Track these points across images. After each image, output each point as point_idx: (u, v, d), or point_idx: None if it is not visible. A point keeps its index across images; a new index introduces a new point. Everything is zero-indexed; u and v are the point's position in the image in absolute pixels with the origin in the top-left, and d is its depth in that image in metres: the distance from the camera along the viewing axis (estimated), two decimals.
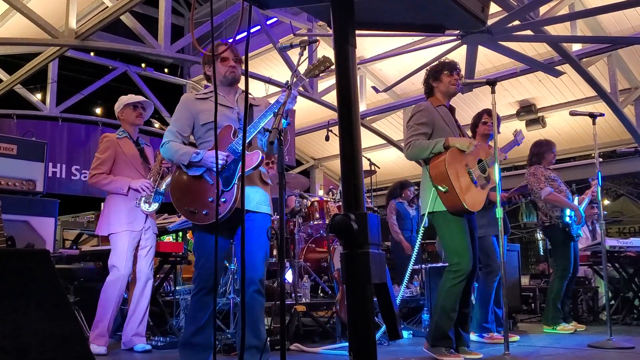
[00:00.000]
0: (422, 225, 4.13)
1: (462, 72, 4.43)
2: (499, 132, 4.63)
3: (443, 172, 3.92)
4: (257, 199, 3.38)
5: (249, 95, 3.54)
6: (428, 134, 4.10)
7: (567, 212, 5.79)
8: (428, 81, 4.32)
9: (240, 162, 3.26)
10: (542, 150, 6.02)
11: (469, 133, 5.44)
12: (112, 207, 4.61)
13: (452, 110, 4.33)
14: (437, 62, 4.45)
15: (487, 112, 5.42)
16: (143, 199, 4.56)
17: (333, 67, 3.36)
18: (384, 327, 4.64)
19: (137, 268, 4.62)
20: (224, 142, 3.33)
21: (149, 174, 4.67)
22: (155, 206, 4.60)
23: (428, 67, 4.42)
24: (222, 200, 3.23)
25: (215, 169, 3.24)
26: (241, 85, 3.53)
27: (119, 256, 4.48)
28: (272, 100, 3.46)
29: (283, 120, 3.23)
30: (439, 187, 3.95)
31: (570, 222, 5.76)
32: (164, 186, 4.63)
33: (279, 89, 9.53)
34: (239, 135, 3.31)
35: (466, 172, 4.03)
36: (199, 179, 3.32)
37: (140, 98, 4.86)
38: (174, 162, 3.43)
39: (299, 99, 3.35)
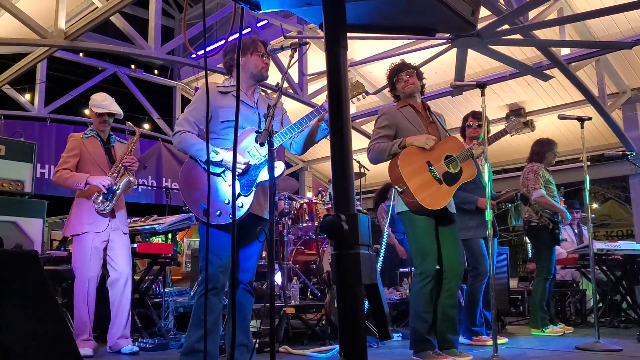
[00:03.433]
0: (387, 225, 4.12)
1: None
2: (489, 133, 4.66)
3: (396, 173, 3.92)
4: (267, 206, 3.35)
5: (263, 94, 3.55)
6: (390, 135, 4.12)
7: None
8: (390, 87, 4.40)
9: (261, 169, 3.26)
10: (543, 149, 6.05)
11: (459, 137, 5.46)
12: (76, 208, 4.58)
13: (425, 107, 4.35)
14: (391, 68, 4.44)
15: (472, 114, 5.44)
16: (99, 197, 4.50)
17: (364, 93, 3.40)
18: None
19: (113, 270, 4.56)
20: (243, 146, 3.28)
21: (109, 171, 4.62)
22: (108, 204, 4.51)
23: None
24: (239, 205, 3.19)
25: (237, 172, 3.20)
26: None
27: (81, 258, 4.45)
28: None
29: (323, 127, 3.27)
30: (397, 188, 3.97)
31: (559, 224, 5.83)
32: (121, 184, 4.56)
33: (269, 91, 9.51)
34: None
35: (427, 169, 3.98)
36: (216, 176, 3.25)
37: (106, 109, 4.75)
38: (188, 154, 3.32)
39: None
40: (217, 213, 3.17)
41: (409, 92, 4.27)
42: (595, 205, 12.65)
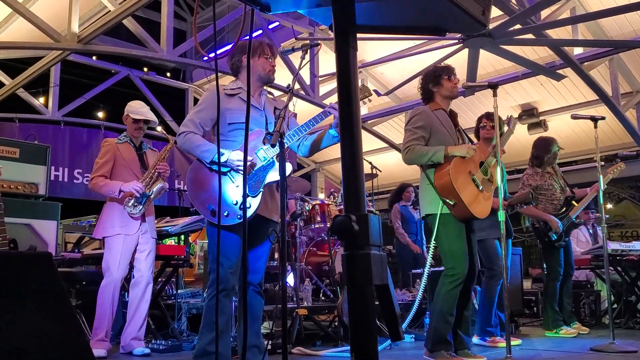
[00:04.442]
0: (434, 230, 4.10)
1: (462, 77, 4.44)
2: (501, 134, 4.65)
3: (449, 186, 3.89)
4: (275, 208, 3.39)
5: (270, 97, 3.59)
6: (426, 137, 4.08)
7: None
8: (427, 87, 4.27)
9: (269, 170, 3.30)
10: (539, 153, 6.00)
11: (473, 138, 5.45)
12: (108, 211, 4.65)
13: (453, 115, 4.31)
14: (432, 67, 4.43)
15: (486, 115, 5.42)
16: (131, 201, 4.57)
17: (371, 97, 3.40)
18: (387, 342, 4.65)
19: (137, 272, 4.63)
20: (251, 147, 3.31)
21: (142, 176, 4.69)
22: (140, 208, 4.59)
23: (424, 73, 4.40)
24: (247, 205, 3.19)
25: (241, 172, 3.21)
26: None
27: (111, 259, 4.51)
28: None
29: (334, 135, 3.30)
30: (447, 201, 3.92)
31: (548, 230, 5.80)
32: (153, 190, 4.65)
33: (280, 92, 9.54)
34: (270, 141, 3.26)
35: (471, 180, 4.01)
36: (222, 175, 3.25)
37: (143, 116, 4.84)
38: (193, 155, 3.35)
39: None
40: (225, 214, 3.19)
41: (454, 95, 4.26)
42: (609, 206, 12.54)
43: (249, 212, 3.20)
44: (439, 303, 3.97)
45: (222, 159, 3.20)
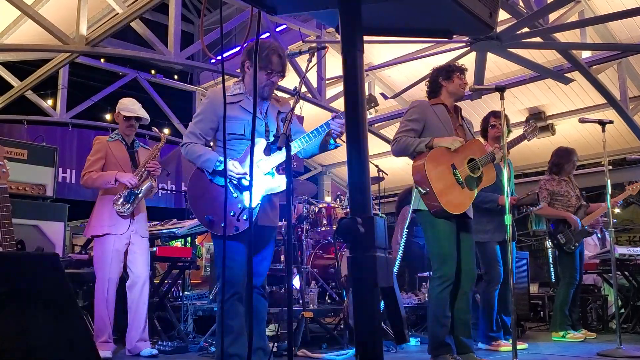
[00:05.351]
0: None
1: (470, 80, 4.41)
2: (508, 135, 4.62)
3: (422, 173, 3.84)
4: (273, 214, 3.41)
5: (275, 97, 3.56)
6: (417, 130, 4.05)
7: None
8: (437, 79, 4.23)
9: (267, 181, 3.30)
10: (561, 161, 5.97)
11: (480, 138, 5.40)
12: (97, 210, 4.65)
13: (456, 110, 4.28)
14: (447, 63, 4.41)
15: (494, 114, 5.36)
16: (120, 200, 4.57)
17: (377, 106, 3.34)
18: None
19: (132, 274, 4.62)
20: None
21: (133, 174, 4.68)
22: (128, 207, 4.58)
23: (436, 67, 4.35)
24: (244, 217, 3.21)
25: (235, 182, 3.22)
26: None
27: (101, 259, 4.51)
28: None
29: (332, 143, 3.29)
30: (420, 189, 3.88)
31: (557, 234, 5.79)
32: (142, 188, 4.63)
33: (287, 95, 9.56)
34: (272, 152, 3.20)
35: (451, 172, 3.92)
36: (222, 187, 3.25)
37: (134, 113, 4.83)
38: (196, 166, 3.34)
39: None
40: (222, 224, 3.20)
41: (460, 93, 4.24)
42: (617, 210, 12.49)
43: (246, 223, 3.20)
44: (431, 307, 3.97)
45: (221, 168, 3.20)
